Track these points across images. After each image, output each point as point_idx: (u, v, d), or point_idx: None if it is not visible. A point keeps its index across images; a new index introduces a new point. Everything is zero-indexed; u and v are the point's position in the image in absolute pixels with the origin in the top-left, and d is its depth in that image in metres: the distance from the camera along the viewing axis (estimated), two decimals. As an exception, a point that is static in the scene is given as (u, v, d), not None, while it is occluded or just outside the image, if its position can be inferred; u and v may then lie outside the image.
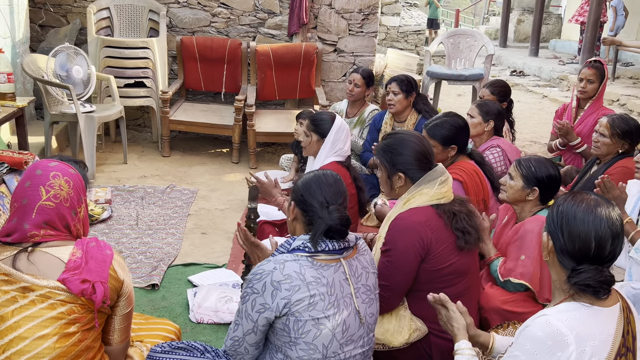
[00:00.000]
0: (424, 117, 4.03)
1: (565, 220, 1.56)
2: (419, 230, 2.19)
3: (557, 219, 1.58)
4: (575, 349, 1.46)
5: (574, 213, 1.56)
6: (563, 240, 1.55)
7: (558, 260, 1.58)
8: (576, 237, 1.54)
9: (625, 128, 3.33)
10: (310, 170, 2.05)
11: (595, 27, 9.42)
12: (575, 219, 1.55)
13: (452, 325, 1.89)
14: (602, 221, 1.54)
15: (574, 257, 1.54)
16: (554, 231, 1.58)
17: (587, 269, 1.52)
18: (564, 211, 1.58)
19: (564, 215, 1.57)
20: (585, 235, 1.53)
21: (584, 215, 1.55)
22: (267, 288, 1.76)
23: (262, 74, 5.43)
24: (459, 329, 1.87)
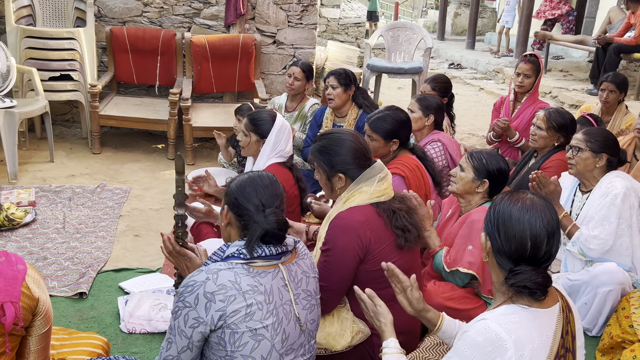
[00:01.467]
0: (365, 111, 3.98)
1: (502, 221, 1.53)
2: (358, 229, 2.13)
3: (494, 219, 1.56)
4: (514, 353, 1.43)
5: (510, 213, 1.53)
6: (500, 241, 1.53)
7: (496, 261, 1.55)
8: (512, 237, 1.51)
9: (561, 121, 3.39)
10: (246, 172, 1.92)
11: (528, 21, 9.69)
12: (511, 219, 1.52)
13: (379, 321, 1.82)
14: (537, 221, 1.51)
15: (511, 258, 1.52)
16: (491, 232, 1.55)
17: (523, 270, 1.49)
18: (500, 211, 1.55)
19: (500, 215, 1.54)
20: (521, 235, 1.50)
21: (520, 214, 1.52)
22: (200, 300, 1.63)
23: (199, 66, 5.22)
24: (386, 324, 1.80)
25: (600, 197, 2.87)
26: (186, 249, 1.99)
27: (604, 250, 2.77)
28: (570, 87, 7.98)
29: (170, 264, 3.26)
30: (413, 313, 1.87)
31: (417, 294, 1.85)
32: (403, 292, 1.86)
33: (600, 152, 2.92)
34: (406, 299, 1.86)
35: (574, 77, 8.96)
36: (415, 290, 1.84)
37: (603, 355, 2.53)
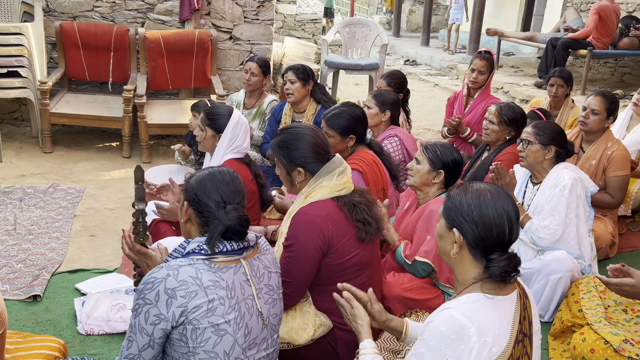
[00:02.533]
0: (323, 106, 4.00)
1: (477, 212, 1.55)
2: (320, 224, 2.15)
3: (467, 212, 1.57)
4: (477, 340, 1.47)
5: (483, 203, 1.57)
6: (478, 232, 1.55)
7: (471, 253, 1.58)
8: (492, 225, 1.55)
9: (512, 115, 3.49)
10: (205, 168, 1.91)
11: (480, 17, 9.93)
12: (488, 208, 1.56)
13: (356, 323, 1.84)
14: (508, 206, 1.58)
15: (489, 246, 1.56)
16: (466, 224, 1.57)
17: (501, 257, 1.54)
18: (471, 203, 1.57)
19: (474, 208, 1.56)
20: (500, 222, 1.55)
21: (493, 203, 1.56)
22: (160, 297, 1.62)
23: (153, 62, 5.13)
24: (362, 326, 1.83)
25: (549, 188, 2.97)
26: (146, 247, 1.97)
27: (553, 239, 2.88)
28: (520, 82, 8.24)
29: (128, 263, 3.20)
30: (377, 325, 1.90)
31: (377, 306, 1.88)
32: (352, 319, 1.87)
33: (548, 145, 3.03)
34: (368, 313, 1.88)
35: (524, 72, 9.24)
36: (374, 304, 1.88)
37: (554, 339, 2.64)
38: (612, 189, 3.47)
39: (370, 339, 1.81)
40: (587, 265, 2.92)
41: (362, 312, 1.84)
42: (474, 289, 1.58)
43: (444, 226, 1.64)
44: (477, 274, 1.59)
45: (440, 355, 1.49)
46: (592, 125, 3.51)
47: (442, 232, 1.66)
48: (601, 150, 3.51)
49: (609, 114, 3.50)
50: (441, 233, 1.66)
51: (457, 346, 1.47)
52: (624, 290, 2.11)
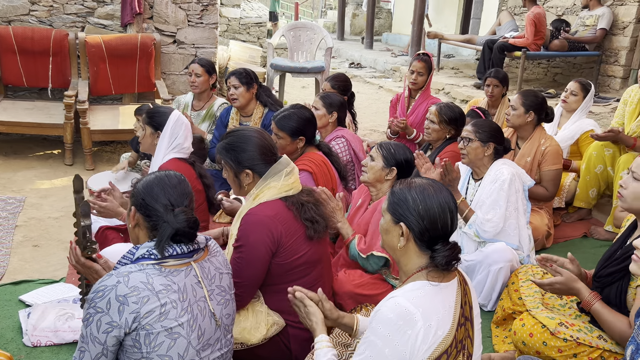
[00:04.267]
0: (270, 109, 4.03)
1: (423, 206, 1.64)
2: (269, 224, 2.18)
3: (413, 207, 1.65)
4: (422, 324, 1.55)
5: (427, 197, 1.65)
6: (424, 224, 1.63)
7: (417, 245, 1.66)
8: (437, 217, 1.64)
9: (451, 115, 3.64)
10: (151, 172, 1.91)
11: (420, 21, 10.20)
12: (432, 202, 1.64)
13: (310, 320, 1.90)
14: (448, 198, 1.67)
15: (433, 237, 1.64)
16: (413, 218, 1.64)
17: (445, 247, 1.64)
18: (417, 198, 1.65)
19: (420, 202, 1.65)
20: (444, 214, 1.64)
21: (436, 197, 1.65)
22: (112, 304, 1.61)
23: (95, 67, 5.02)
24: (317, 322, 1.89)
25: (490, 184, 3.12)
26: (93, 261, 1.95)
27: (496, 232, 3.02)
28: (460, 83, 8.51)
29: (74, 272, 3.13)
30: (330, 323, 1.97)
31: (327, 305, 1.95)
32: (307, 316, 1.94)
33: (487, 142, 3.18)
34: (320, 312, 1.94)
35: (464, 74, 9.55)
36: (325, 302, 1.94)
37: (497, 327, 2.77)
38: (547, 182, 3.66)
39: (324, 334, 1.87)
40: (526, 255, 3.08)
41: (315, 309, 1.91)
42: (418, 277, 1.66)
43: (389, 221, 1.71)
44: (422, 263, 1.68)
45: (390, 341, 1.56)
46: (512, 121, 3.69)
47: (387, 226, 1.73)
48: (535, 146, 3.70)
49: (527, 109, 3.62)
50: (387, 228, 1.73)
51: (405, 331, 1.55)
52: (556, 289, 2.25)
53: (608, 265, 2.27)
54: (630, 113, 3.84)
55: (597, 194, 3.97)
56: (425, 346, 1.56)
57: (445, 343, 1.59)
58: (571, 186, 4.07)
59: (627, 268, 2.19)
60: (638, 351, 1.73)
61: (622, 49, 7.37)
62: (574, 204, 4.06)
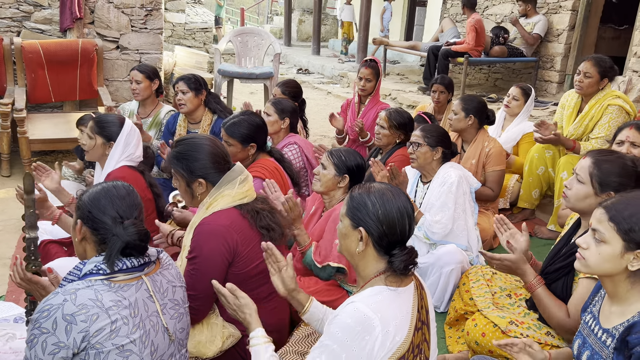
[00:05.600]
0: (219, 116, 3.97)
1: (382, 211, 1.64)
2: (224, 233, 2.14)
3: (373, 211, 1.64)
4: (380, 330, 1.55)
5: (387, 202, 1.65)
6: (383, 230, 1.63)
7: (375, 250, 1.66)
8: (395, 222, 1.64)
9: (400, 120, 3.70)
10: (97, 183, 1.83)
11: (366, 28, 10.35)
12: (392, 207, 1.64)
13: (243, 313, 1.84)
14: (407, 203, 1.68)
15: (392, 242, 1.65)
16: (372, 223, 1.64)
17: (403, 251, 1.64)
18: (376, 203, 1.65)
19: (379, 207, 1.64)
20: (402, 218, 1.65)
21: (395, 202, 1.66)
22: (59, 324, 1.53)
23: (33, 73, 4.80)
24: (251, 315, 1.83)
25: (438, 186, 3.18)
26: (39, 276, 1.85)
27: (444, 233, 3.08)
28: (407, 89, 8.68)
29: (15, 290, 2.98)
30: (285, 293, 1.93)
31: (291, 272, 1.93)
32: (278, 272, 1.93)
33: (436, 146, 3.24)
34: (280, 279, 1.92)
35: (409, 79, 9.75)
36: (290, 269, 1.92)
37: (450, 328, 2.82)
38: (491, 182, 3.78)
39: (260, 327, 1.82)
40: (475, 256, 3.16)
41: (248, 301, 1.86)
42: (376, 282, 1.66)
43: (348, 226, 1.70)
44: (379, 268, 1.68)
45: (347, 347, 1.56)
46: (455, 125, 3.81)
47: (346, 231, 1.71)
48: (479, 149, 3.82)
49: (467, 113, 3.76)
50: (346, 232, 1.72)
51: (363, 337, 1.55)
52: (504, 266, 2.30)
53: (554, 262, 2.36)
54: (567, 117, 4.01)
55: (540, 194, 4.12)
56: (382, 352, 1.57)
57: (402, 348, 1.60)
58: (515, 187, 4.21)
59: (572, 264, 2.28)
60: (585, 345, 1.79)
61: (557, 55, 7.72)
62: (518, 205, 4.20)
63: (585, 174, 2.28)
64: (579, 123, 3.87)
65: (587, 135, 3.86)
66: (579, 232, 2.39)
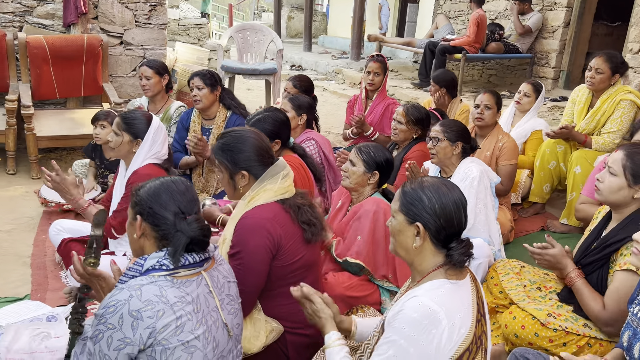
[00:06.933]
0: (234, 112, 3.95)
1: (439, 205, 1.64)
2: (268, 227, 2.13)
3: (429, 206, 1.64)
4: (447, 323, 1.57)
5: (443, 196, 1.66)
6: (441, 223, 1.64)
7: (432, 244, 1.67)
8: (452, 215, 1.65)
9: (418, 115, 3.71)
10: (154, 178, 1.81)
11: (360, 24, 10.36)
12: (448, 200, 1.65)
13: (319, 317, 1.87)
14: (461, 195, 1.69)
15: (449, 235, 1.65)
16: (429, 217, 1.65)
17: (460, 244, 1.65)
18: (432, 197, 1.65)
19: (435, 201, 1.65)
20: (458, 211, 1.66)
21: (451, 195, 1.67)
22: (125, 320, 1.52)
23: (37, 69, 4.72)
24: (326, 319, 1.85)
25: (460, 182, 3.20)
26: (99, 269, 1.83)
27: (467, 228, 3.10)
28: (403, 85, 8.71)
29: (39, 288, 2.94)
30: None
31: (334, 309, 1.93)
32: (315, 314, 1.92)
33: (456, 141, 3.27)
34: None
35: (403, 76, 9.78)
36: (332, 306, 1.92)
37: (478, 321, 2.85)
38: (503, 177, 3.81)
39: (336, 330, 1.84)
40: (497, 250, 3.19)
41: (323, 306, 1.88)
42: (435, 276, 1.67)
43: (403, 222, 1.70)
44: (437, 262, 1.68)
45: (414, 341, 1.57)
46: (487, 120, 3.85)
47: (401, 227, 1.71)
48: (493, 142, 3.85)
49: (498, 108, 3.87)
50: (400, 229, 1.71)
51: (430, 330, 1.56)
52: (545, 260, 2.34)
53: (588, 255, 2.40)
54: (579, 112, 4.07)
55: (551, 189, 4.17)
56: (449, 345, 1.58)
57: (467, 340, 1.61)
58: (526, 182, 4.26)
59: (607, 257, 2.33)
60: (636, 336, 1.83)
61: (552, 52, 7.82)
62: (529, 199, 4.25)
63: (618, 167, 2.33)
64: (590, 118, 3.93)
65: (599, 130, 3.93)
66: (610, 226, 2.43)
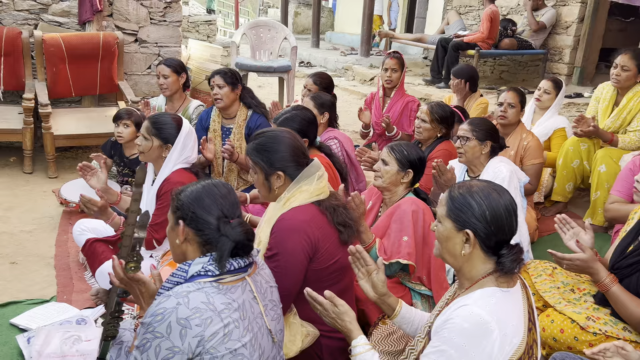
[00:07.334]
0: (255, 111, 3.90)
1: (490, 212, 1.59)
2: (305, 229, 2.09)
3: (480, 212, 1.59)
4: (498, 333, 1.51)
5: (494, 202, 1.60)
6: (491, 230, 1.58)
7: (482, 251, 1.61)
8: (504, 222, 1.60)
9: (442, 114, 3.66)
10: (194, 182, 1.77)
11: (370, 20, 10.29)
12: (499, 206, 1.59)
13: (343, 321, 1.80)
14: (511, 199, 1.64)
15: (500, 242, 1.60)
16: (480, 224, 1.59)
17: (511, 251, 1.60)
18: (482, 203, 1.59)
19: (486, 207, 1.59)
20: (509, 217, 1.61)
21: (502, 201, 1.61)
22: (173, 328, 1.49)
23: (54, 68, 4.68)
24: (351, 322, 1.80)
25: (488, 181, 3.16)
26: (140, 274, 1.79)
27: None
28: (415, 82, 8.65)
29: (65, 289, 2.91)
30: (375, 298, 1.92)
31: (382, 276, 1.90)
32: (367, 275, 1.90)
33: (485, 140, 3.22)
34: (370, 283, 1.90)
35: (413, 72, 9.71)
36: (381, 274, 1.89)
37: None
38: (530, 176, 3.76)
39: (362, 335, 1.79)
40: (526, 250, 3.15)
41: (347, 308, 1.82)
42: (486, 284, 1.61)
43: (451, 228, 1.65)
44: (487, 269, 1.63)
45: (465, 352, 1.52)
46: (511, 118, 3.80)
47: (449, 234, 1.65)
48: (517, 141, 3.81)
49: (522, 106, 3.83)
50: (448, 235, 1.66)
51: (480, 341, 1.51)
52: (575, 265, 2.28)
53: (626, 257, 2.35)
54: (603, 110, 4.02)
55: (573, 187, 4.12)
56: (501, 356, 1.53)
57: (519, 351, 1.56)
58: (549, 181, 4.21)
59: (647, 259, 2.28)
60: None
61: (565, 48, 7.75)
62: (552, 198, 4.20)
63: None
64: (616, 116, 3.88)
65: (625, 128, 3.87)
66: (649, 226, 2.39)
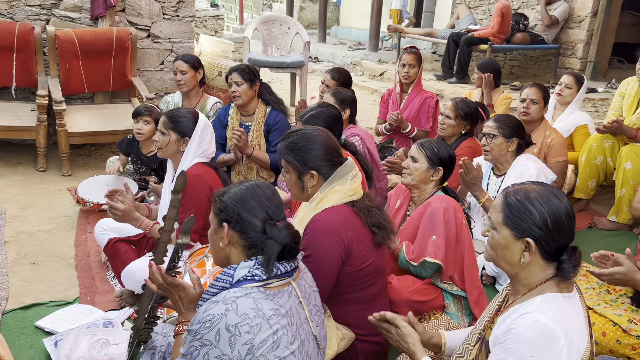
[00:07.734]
0: (273, 108, 3.84)
1: (552, 220, 1.51)
2: (339, 231, 2.04)
3: (541, 220, 1.51)
4: (565, 341, 1.44)
5: (555, 209, 1.52)
6: (554, 238, 1.51)
7: (542, 258, 1.54)
8: (566, 228, 1.52)
9: (467, 110, 3.60)
10: (237, 182, 1.71)
11: (378, 15, 10.20)
12: (560, 213, 1.52)
13: (406, 342, 1.74)
14: (569, 203, 1.56)
15: (560, 247, 1.53)
16: (542, 232, 1.51)
17: (571, 255, 1.53)
18: (543, 211, 1.52)
19: (548, 215, 1.51)
20: (570, 222, 1.53)
21: (563, 206, 1.53)
22: (222, 336, 1.43)
23: (67, 64, 4.61)
24: (414, 344, 1.73)
25: (516, 179, 3.09)
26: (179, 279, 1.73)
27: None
28: (425, 77, 8.57)
29: (88, 291, 2.85)
30: None
31: (420, 327, 1.81)
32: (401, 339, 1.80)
33: (511, 137, 3.17)
34: None
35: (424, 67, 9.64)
36: (417, 325, 1.80)
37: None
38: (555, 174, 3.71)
39: (427, 356, 1.73)
40: (555, 250, 3.08)
41: (410, 330, 1.76)
42: (546, 289, 1.54)
43: (509, 237, 1.56)
44: (546, 275, 1.55)
45: None
46: (534, 115, 3.74)
47: (506, 242, 1.57)
48: (541, 138, 3.75)
49: (545, 102, 3.76)
50: (506, 244, 1.57)
51: (548, 351, 1.43)
52: (615, 279, 2.21)
53: (668, 260, 2.29)
54: (628, 105, 3.95)
55: (596, 185, 4.06)
56: None
57: (585, 358, 1.49)
58: (572, 179, 4.14)
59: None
60: None
61: (578, 42, 7.68)
62: (574, 195, 4.14)
63: None
64: (642, 112, 3.82)
65: (650, 124, 3.81)
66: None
